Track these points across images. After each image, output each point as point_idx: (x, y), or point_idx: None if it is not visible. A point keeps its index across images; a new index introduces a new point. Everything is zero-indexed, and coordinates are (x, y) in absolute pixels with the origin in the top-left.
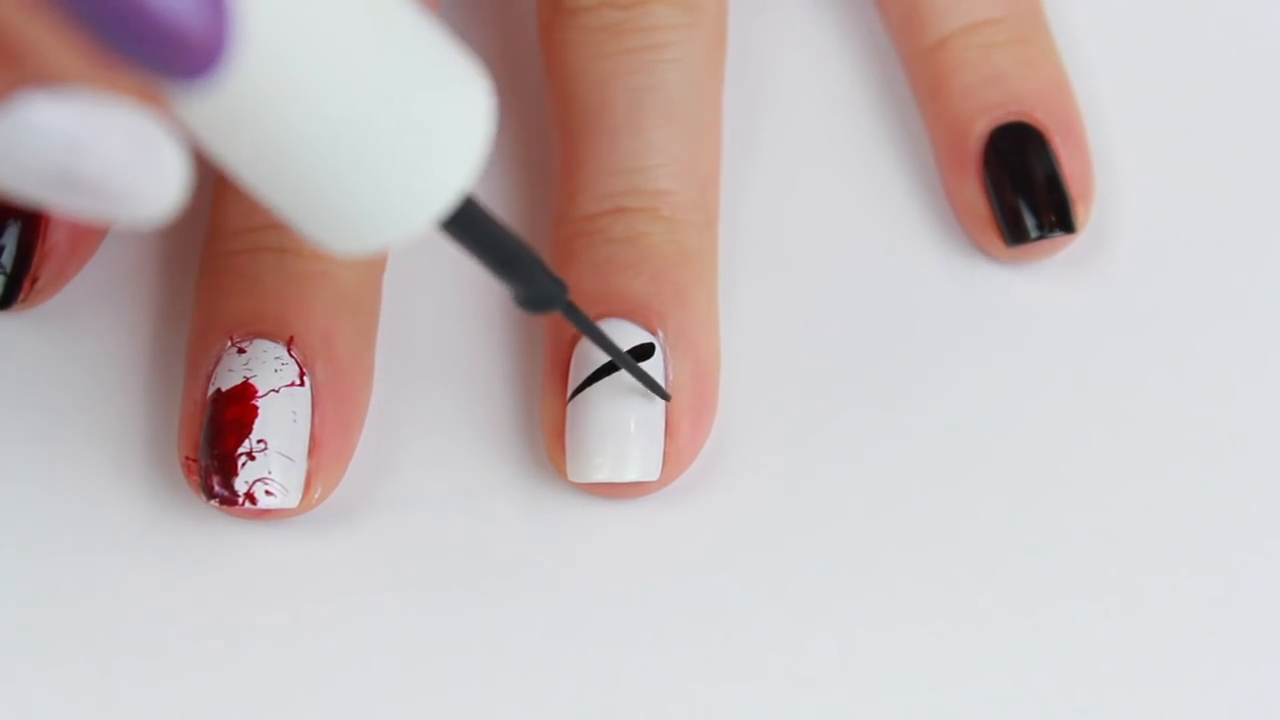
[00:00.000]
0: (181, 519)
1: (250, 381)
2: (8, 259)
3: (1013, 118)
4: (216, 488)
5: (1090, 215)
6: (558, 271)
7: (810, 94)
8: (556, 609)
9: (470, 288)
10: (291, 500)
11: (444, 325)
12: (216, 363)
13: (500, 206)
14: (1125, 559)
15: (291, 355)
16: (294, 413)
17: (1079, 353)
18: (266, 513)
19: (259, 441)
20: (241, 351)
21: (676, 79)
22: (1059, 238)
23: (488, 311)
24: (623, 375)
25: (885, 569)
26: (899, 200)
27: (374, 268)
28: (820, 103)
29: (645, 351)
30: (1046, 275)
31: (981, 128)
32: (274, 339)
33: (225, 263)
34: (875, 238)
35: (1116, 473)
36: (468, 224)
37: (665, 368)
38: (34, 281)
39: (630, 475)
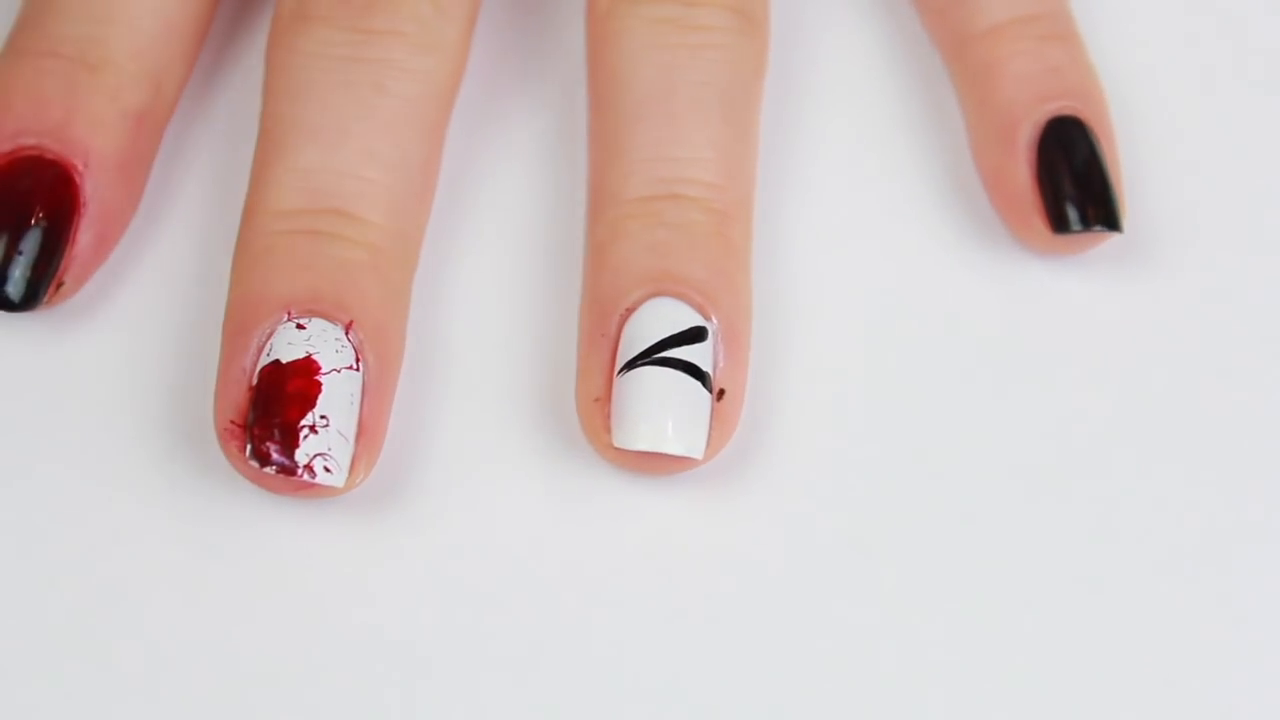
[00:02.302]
0: (199, 502)
1: (313, 357)
2: (29, 261)
3: (1070, 111)
4: (275, 456)
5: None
6: (605, 250)
7: (833, 87)
8: (577, 597)
9: (481, 281)
10: (341, 479)
11: (457, 312)
12: (270, 335)
13: (526, 194)
14: (1160, 559)
15: (349, 339)
16: (351, 395)
17: (1088, 353)
18: (313, 488)
19: (321, 417)
20: (301, 328)
21: (733, 80)
22: (1100, 233)
23: (500, 303)
24: (681, 352)
25: (909, 563)
26: (925, 193)
27: (410, 267)
28: (844, 96)
29: (698, 334)
30: (1068, 272)
31: (1039, 115)
32: (333, 320)
33: (278, 241)
34: (901, 230)
35: (1143, 471)
36: None
37: (715, 354)
38: (59, 285)
39: (676, 448)
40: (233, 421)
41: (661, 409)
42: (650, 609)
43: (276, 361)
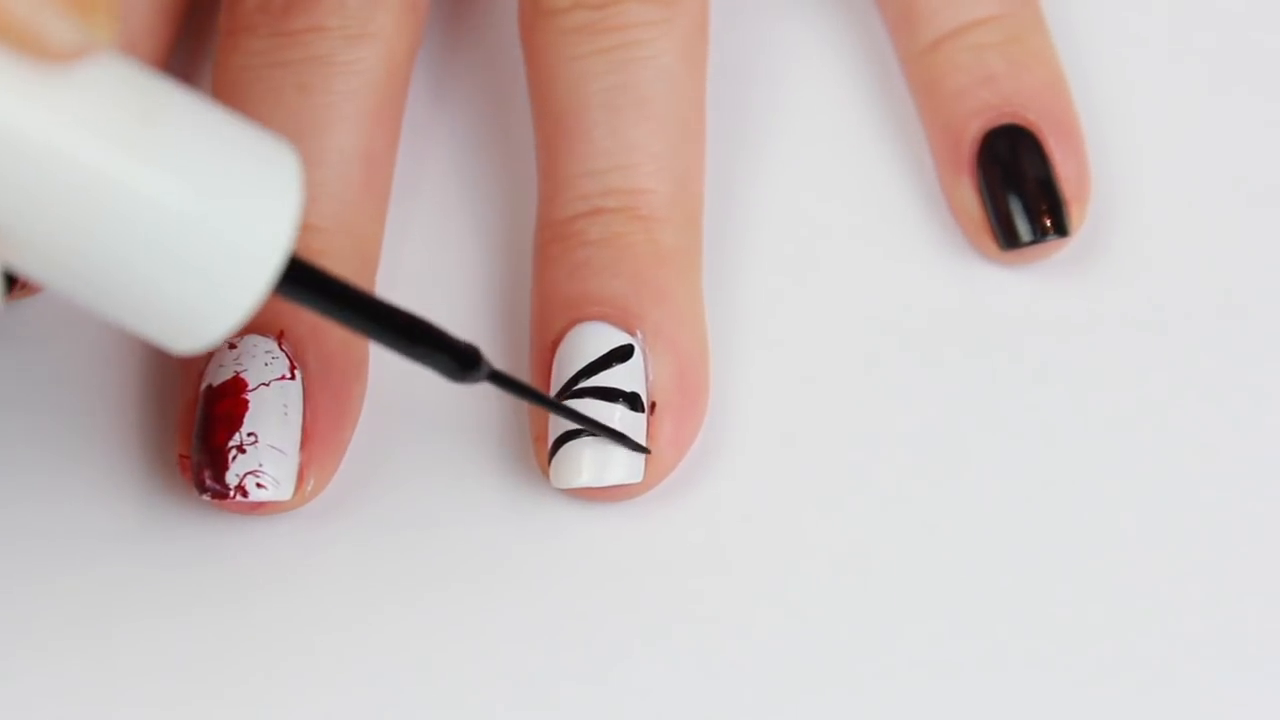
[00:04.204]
0: (178, 518)
1: (241, 376)
2: None
3: (1005, 119)
4: (208, 481)
5: (1086, 216)
6: (538, 281)
7: (809, 93)
8: (544, 610)
9: (464, 285)
10: (283, 493)
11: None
12: (208, 360)
13: (496, 218)
14: (1118, 561)
15: (282, 349)
16: (285, 406)
17: (1073, 354)
18: (260, 506)
19: (249, 435)
20: (232, 347)
21: (652, 77)
22: (1053, 241)
23: (482, 310)
24: (605, 377)
25: (873, 573)
26: (897, 200)
27: (367, 264)
28: (818, 102)
29: (624, 353)
30: (1042, 275)
31: (974, 130)
32: (264, 334)
33: None
34: (873, 237)
35: (1111, 475)
36: (309, 285)
37: (645, 368)
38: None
39: (612, 479)
40: (181, 454)
41: (579, 443)
42: (620, 616)
43: (209, 387)
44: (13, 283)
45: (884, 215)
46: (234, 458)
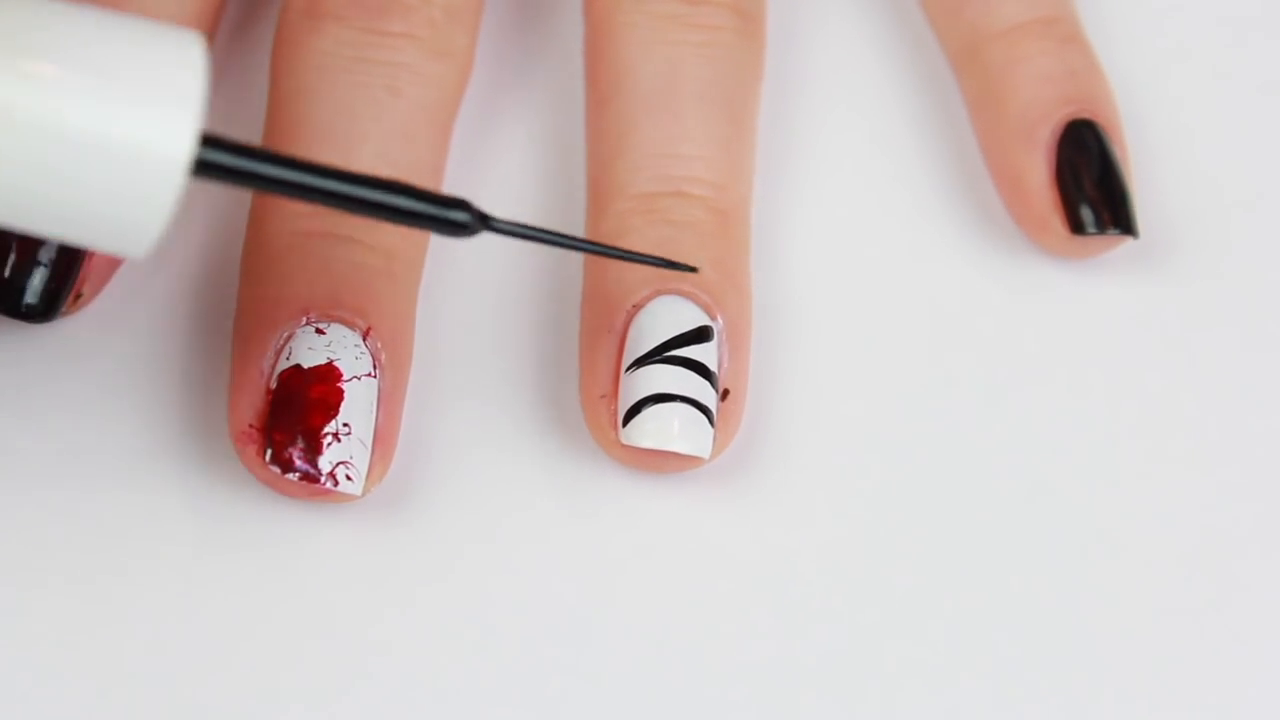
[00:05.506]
0: (207, 503)
1: (335, 364)
2: (49, 272)
3: (1087, 115)
4: (299, 463)
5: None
6: (615, 243)
7: (833, 86)
8: (580, 596)
9: (489, 275)
10: (360, 488)
11: (452, 310)
12: (289, 338)
13: (516, 192)
14: (1167, 564)
15: (366, 346)
16: (370, 403)
17: (1104, 352)
18: (330, 494)
19: (344, 425)
20: (320, 333)
21: (735, 80)
22: (1115, 237)
23: (507, 299)
24: (690, 350)
25: (911, 563)
26: (926, 193)
27: (419, 272)
28: (844, 95)
29: (704, 334)
30: (1077, 274)
31: (1059, 116)
32: (352, 327)
33: (295, 242)
34: (902, 231)
35: (1149, 474)
36: (232, 165)
37: (720, 354)
38: (78, 297)
39: (683, 447)
40: (250, 425)
41: (670, 407)
42: (655, 608)
43: (297, 366)
44: (64, 301)
45: (898, 210)
46: (329, 444)
